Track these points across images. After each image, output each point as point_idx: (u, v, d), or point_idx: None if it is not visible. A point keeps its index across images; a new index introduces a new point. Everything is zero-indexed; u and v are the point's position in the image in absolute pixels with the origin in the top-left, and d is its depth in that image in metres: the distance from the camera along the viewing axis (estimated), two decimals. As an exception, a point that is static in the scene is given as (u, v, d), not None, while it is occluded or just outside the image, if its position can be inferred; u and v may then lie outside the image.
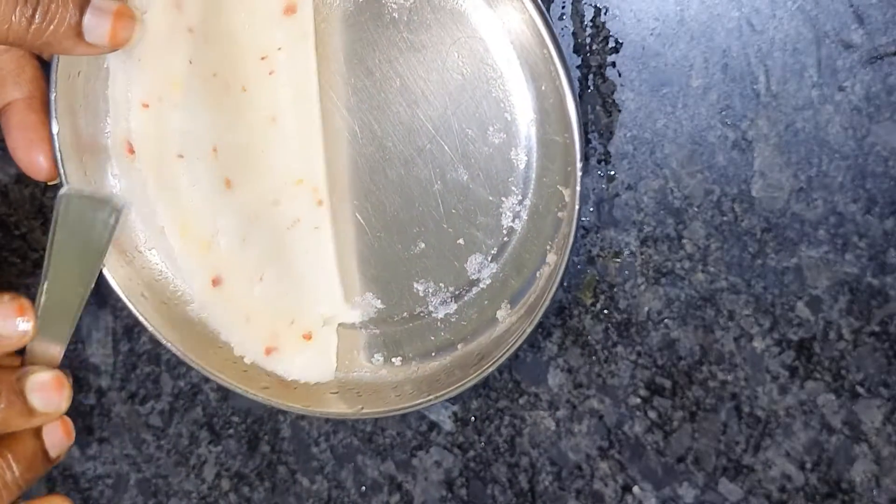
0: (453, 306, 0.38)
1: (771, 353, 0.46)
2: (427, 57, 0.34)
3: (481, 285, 0.36)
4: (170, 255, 0.42)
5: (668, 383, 0.47)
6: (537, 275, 0.34)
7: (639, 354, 0.47)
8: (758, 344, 0.46)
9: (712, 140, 0.44)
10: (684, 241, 0.45)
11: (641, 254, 0.46)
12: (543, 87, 0.32)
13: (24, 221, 0.50)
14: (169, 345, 0.40)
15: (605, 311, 0.47)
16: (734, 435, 0.47)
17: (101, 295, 0.49)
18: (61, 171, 0.37)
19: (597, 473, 0.48)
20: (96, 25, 0.34)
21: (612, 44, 0.44)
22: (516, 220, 0.33)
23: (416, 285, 0.39)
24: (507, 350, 0.34)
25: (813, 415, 0.46)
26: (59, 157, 0.36)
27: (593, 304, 0.47)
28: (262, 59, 0.38)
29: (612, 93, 0.44)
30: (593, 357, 0.47)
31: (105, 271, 0.39)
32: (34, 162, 0.37)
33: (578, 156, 0.31)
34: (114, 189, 0.40)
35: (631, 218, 0.46)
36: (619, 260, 0.46)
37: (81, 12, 0.33)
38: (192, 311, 0.42)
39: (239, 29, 0.38)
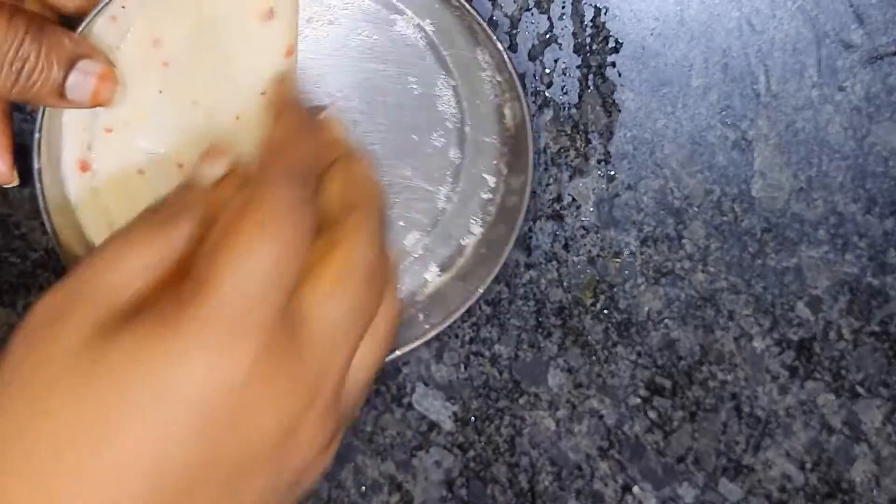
0: None
1: (771, 353, 0.46)
2: (385, 77, 0.40)
3: (414, 255, 0.41)
4: None
5: (668, 383, 0.47)
6: (462, 242, 0.40)
7: (639, 354, 0.47)
8: (758, 344, 0.46)
9: (712, 140, 0.44)
10: (684, 241, 0.45)
11: (641, 254, 0.46)
12: (477, 102, 0.39)
13: (25, 221, 0.50)
14: None
15: (605, 311, 0.47)
16: (734, 435, 0.47)
17: (101, 295, 0.49)
18: (42, 203, 0.38)
19: (597, 473, 0.48)
20: (80, 86, 0.34)
21: (612, 44, 0.44)
22: (448, 203, 0.40)
23: None
24: (458, 311, 0.39)
25: (813, 415, 0.46)
26: (40, 190, 0.38)
27: (593, 304, 0.47)
28: (262, 93, 0.40)
29: (612, 93, 0.45)
30: (593, 357, 0.47)
31: None
32: None
33: (531, 147, 0.38)
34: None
35: (631, 218, 0.46)
36: (619, 260, 0.46)
37: (66, 73, 0.34)
38: None
39: (239, 69, 0.40)
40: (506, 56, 0.37)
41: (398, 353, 0.40)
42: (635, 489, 0.48)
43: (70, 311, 0.26)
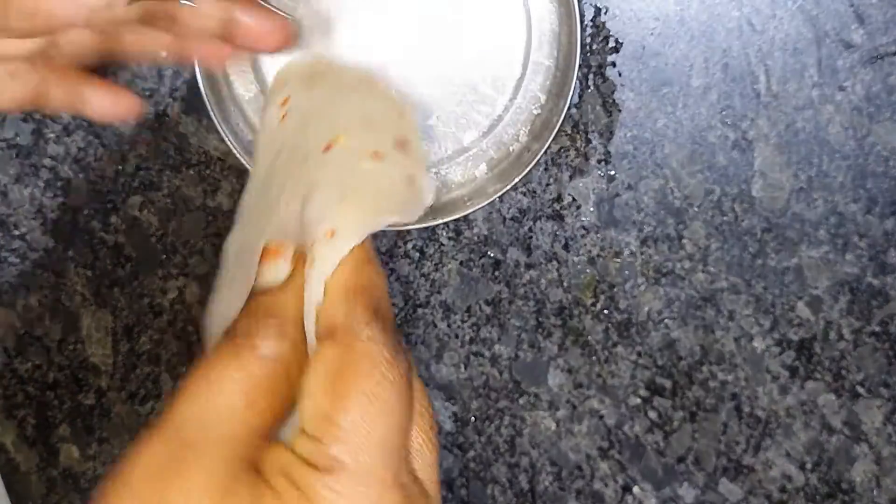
0: (446, 166, 0.47)
1: (771, 354, 0.46)
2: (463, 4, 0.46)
3: (469, 153, 0.47)
4: None
5: (668, 383, 0.47)
6: (510, 149, 0.46)
7: (639, 354, 0.47)
8: (758, 344, 0.46)
9: (713, 140, 0.44)
10: (684, 241, 0.45)
11: (642, 254, 0.46)
12: (543, 26, 0.44)
13: (24, 221, 0.50)
14: None
15: (606, 311, 0.47)
16: (734, 435, 0.47)
17: (101, 295, 0.49)
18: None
19: (597, 474, 0.48)
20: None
21: (612, 43, 0.44)
22: (505, 111, 0.46)
23: (423, 146, 0.48)
24: (492, 197, 0.45)
25: (813, 415, 0.46)
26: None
27: (593, 304, 0.47)
28: None
29: (613, 92, 0.44)
30: (593, 357, 0.47)
31: None
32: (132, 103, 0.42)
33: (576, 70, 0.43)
34: None
35: (631, 218, 0.46)
36: (619, 260, 0.46)
37: None
38: None
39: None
40: None
41: (440, 220, 0.46)
42: (635, 489, 0.48)
43: (192, 455, 0.26)
